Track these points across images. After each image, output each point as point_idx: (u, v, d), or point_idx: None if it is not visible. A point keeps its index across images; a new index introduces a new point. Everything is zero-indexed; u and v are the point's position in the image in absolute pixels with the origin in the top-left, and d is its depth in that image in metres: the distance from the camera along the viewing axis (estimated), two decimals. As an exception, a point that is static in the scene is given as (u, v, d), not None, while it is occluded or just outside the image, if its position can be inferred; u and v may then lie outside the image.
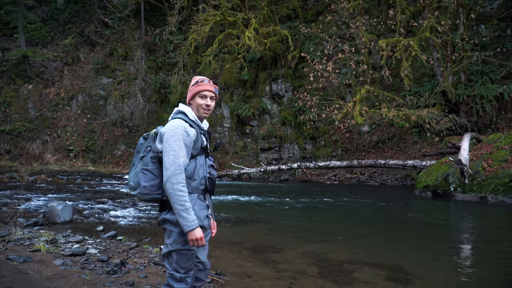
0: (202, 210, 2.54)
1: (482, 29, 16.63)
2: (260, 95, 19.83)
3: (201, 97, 2.62)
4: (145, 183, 2.48)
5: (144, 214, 8.80)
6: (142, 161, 2.56)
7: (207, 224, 2.58)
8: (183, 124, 2.49)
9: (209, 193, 2.63)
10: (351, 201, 10.90)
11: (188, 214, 2.37)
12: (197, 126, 2.59)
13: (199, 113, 2.62)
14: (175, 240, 2.47)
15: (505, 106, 15.11)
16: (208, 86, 2.63)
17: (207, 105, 2.61)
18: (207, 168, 2.59)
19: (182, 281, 2.52)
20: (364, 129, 17.43)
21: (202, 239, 2.41)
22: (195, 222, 2.39)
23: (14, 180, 13.99)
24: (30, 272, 4.18)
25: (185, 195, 2.38)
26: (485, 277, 4.72)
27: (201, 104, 2.60)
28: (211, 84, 2.67)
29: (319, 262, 5.13)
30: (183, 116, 2.57)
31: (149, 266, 4.82)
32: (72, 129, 21.67)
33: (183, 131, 2.46)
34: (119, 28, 23.48)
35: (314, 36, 19.34)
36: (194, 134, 2.51)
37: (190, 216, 2.38)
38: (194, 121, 2.59)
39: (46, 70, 23.15)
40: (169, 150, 2.41)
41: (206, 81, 2.66)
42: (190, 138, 2.49)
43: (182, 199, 2.37)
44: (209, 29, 17.94)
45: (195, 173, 2.53)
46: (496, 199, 10.18)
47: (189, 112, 2.60)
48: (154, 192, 2.49)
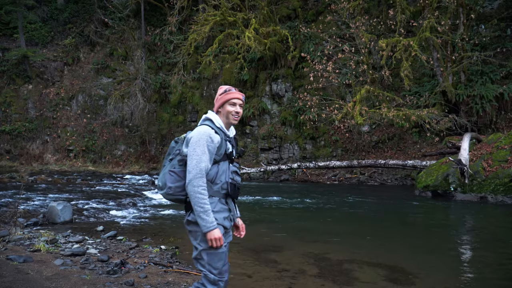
0: (222, 212, 2.67)
1: (482, 29, 16.63)
2: (260, 95, 19.83)
3: (231, 105, 2.73)
4: (171, 184, 2.63)
5: (144, 214, 8.80)
6: (170, 163, 2.72)
7: (228, 225, 2.71)
8: (208, 130, 2.61)
9: (231, 197, 2.73)
10: (351, 201, 10.90)
11: (207, 215, 2.51)
12: (222, 133, 2.69)
13: (228, 120, 2.74)
14: (202, 239, 2.59)
15: (505, 106, 15.11)
16: (237, 94, 2.75)
17: (237, 112, 2.73)
18: (230, 174, 2.70)
19: (215, 284, 2.59)
20: (364, 129, 17.43)
21: (220, 239, 2.53)
22: (213, 223, 2.52)
23: (14, 180, 13.99)
24: (30, 272, 4.18)
25: (204, 197, 2.52)
26: (485, 277, 4.72)
27: (231, 111, 2.72)
28: (238, 92, 2.80)
29: (319, 262, 5.13)
30: (210, 123, 2.69)
31: (149, 266, 4.82)
32: (72, 129, 21.67)
33: (208, 137, 2.58)
34: (119, 28, 23.48)
35: (314, 36, 19.34)
36: (218, 141, 2.63)
37: (209, 217, 2.51)
38: (220, 128, 2.70)
39: (46, 70, 23.15)
40: (192, 154, 2.56)
41: (234, 89, 2.77)
42: (214, 145, 2.60)
43: (201, 201, 2.50)
44: (209, 29, 17.94)
45: (217, 177, 2.65)
46: (496, 199, 10.18)
47: (216, 120, 2.71)
48: (179, 193, 2.64)
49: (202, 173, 2.53)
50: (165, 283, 4.19)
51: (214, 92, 21.17)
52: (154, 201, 10.73)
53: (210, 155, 2.59)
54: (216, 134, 2.63)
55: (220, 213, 2.65)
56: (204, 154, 2.55)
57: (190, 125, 21.28)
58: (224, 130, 2.72)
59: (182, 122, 21.49)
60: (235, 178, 2.73)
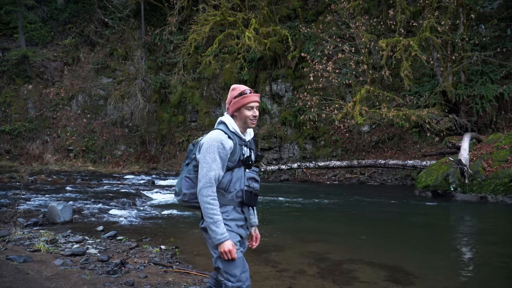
0: (237, 221, 2.57)
1: (482, 29, 16.62)
2: (260, 95, 19.84)
3: (248, 109, 2.61)
4: (186, 190, 2.58)
5: (144, 214, 8.80)
6: (187, 168, 2.66)
7: (243, 233, 2.62)
8: (220, 136, 2.50)
9: (247, 206, 2.61)
10: (351, 201, 10.90)
11: (216, 227, 2.42)
12: (237, 137, 2.58)
13: (246, 124, 2.63)
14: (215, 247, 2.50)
15: (505, 106, 15.11)
16: (253, 97, 2.62)
17: (254, 115, 2.62)
18: (246, 181, 2.58)
19: None
20: (364, 129, 17.43)
21: (231, 252, 2.43)
22: (224, 235, 2.42)
23: (14, 180, 13.98)
24: (30, 272, 4.18)
25: (213, 208, 2.42)
26: (485, 277, 4.72)
27: (248, 115, 2.60)
28: (255, 93, 2.66)
29: (319, 262, 5.13)
30: (223, 127, 2.58)
31: (149, 266, 4.82)
32: (72, 129, 21.66)
33: (219, 143, 2.48)
34: (119, 28, 23.48)
35: (314, 36, 19.34)
36: (230, 147, 2.51)
37: (219, 229, 2.42)
38: (235, 132, 2.59)
39: (46, 70, 23.15)
40: (203, 162, 2.47)
41: (249, 91, 2.64)
42: (226, 151, 2.49)
43: (211, 212, 2.42)
44: (209, 29, 17.94)
45: (231, 185, 2.54)
46: (496, 199, 10.18)
47: (230, 124, 2.60)
48: (193, 200, 2.57)
49: (211, 182, 2.43)
50: (165, 283, 4.19)
51: (214, 92, 21.17)
52: (154, 201, 10.73)
53: (222, 162, 2.48)
54: (229, 139, 2.52)
55: (234, 221, 2.56)
56: (215, 162, 2.45)
57: (190, 125, 21.28)
58: (239, 134, 2.60)
59: (182, 122, 21.49)
60: (252, 184, 2.59)
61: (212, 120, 20.78)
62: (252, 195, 2.58)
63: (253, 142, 2.75)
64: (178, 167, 19.77)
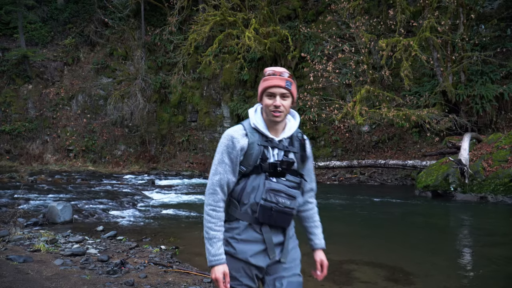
0: (252, 244, 2.03)
1: (482, 29, 16.62)
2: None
3: (269, 96, 2.04)
4: None
5: (144, 214, 8.80)
6: None
7: (261, 263, 2.04)
8: (233, 132, 2.06)
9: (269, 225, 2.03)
10: (351, 201, 10.90)
11: (210, 245, 2.00)
12: (259, 135, 2.06)
13: (268, 117, 2.06)
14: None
15: (505, 106, 15.11)
16: (275, 81, 2.02)
17: (276, 106, 2.01)
18: (265, 193, 1.99)
19: None
20: (364, 129, 17.43)
21: (218, 283, 1.96)
22: (217, 257, 1.98)
23: (14, 180, 13.98)
24: (30, 272, 4.18)
25: (211, 220, 2.00)
26: (485, 277, 4.72)
27: (268, 105, 2.03)
28: (281, 76, 2.04)
29: (319, 262, 5.12)
30: (246, 121, 2.12)
31: (149, 266, 4.82)
32: (72, 129, 21.66)
33: (229, 141, 2.03)
34: (119, 28, 23.48)
35: (314, 36, 19.34)
36: (243, 146, 2.02)
37: (212, 248, 1.99)
38: (256, 128, 2.07)
39: (46, 70, 23.15)
40: (213, 163, 2.08)
41: (277, 71, 2.06)
42: (236, 151, 2.02)
43: (207, 225, 2.01)
44: (209, 29, 17.93)
45: (244, 196, 2.05)
46: (496, 199, 10.18)
47: (252, 117, 2.11)
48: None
49: (213, 188, 2.02)
50: (165, 283, 4.19)
51: (214, 92, 21.18)
52: (154, 201, 10.73)
53: (232, 165, 2.02)
54: (245, 137, 2.04)
55: (247, 244, 2.02)
56: (221, 164, 2.03)
57: (190, 125, 21.28)
58: (263, 131, 2.05)
59: (182, 122, 21.49)
60: (273, 198, 1.99)
61: (212, 120, 20.76)
62: (272, 212, 1.98)
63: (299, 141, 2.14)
64: (178, 167, 19.78)
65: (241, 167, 2.04)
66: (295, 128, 2.14)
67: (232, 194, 2.08)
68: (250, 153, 2.02)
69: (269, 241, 2.04)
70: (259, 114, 2.11)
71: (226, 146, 2.04)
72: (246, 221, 2.03)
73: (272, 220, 2.01)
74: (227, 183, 2.03)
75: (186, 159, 20.32)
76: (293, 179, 2.07)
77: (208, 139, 20.53)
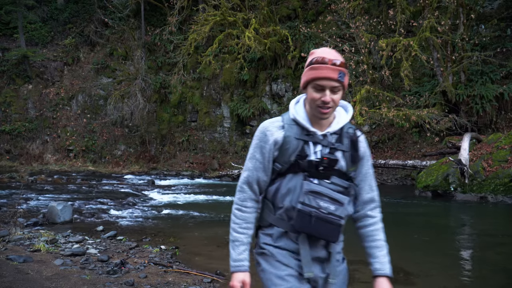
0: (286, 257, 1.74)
1: (482, 29, 16.62)
2: (260, 95, 19.84)
3: (316, 89, 1.68)
4: None
5: (144, 214, 8.80)
6: None
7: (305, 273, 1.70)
8: (267, 124, 1.80)
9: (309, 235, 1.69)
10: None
11: (232, 248, 1.79)
12: (298, 127, 1.75)
13: (312, 112, 1.73)
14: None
15: (505, 106, 15.11)
16: (326, 71, 1.64)
17: (325, 101, 1.67)
18: (302, 196, 1.66)
19: None
20: (364, 129, 17.43)
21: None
22: (237, 264, 1.78)
23: (14, 180, 13.99)
24: (30, 272, 4.18)
25: (236, 221, 1.78)
26: (485, 277, 4.72)
27: (315, 99, 1.69)
28: (333, 66, 1.65)
29: (319, 262, 5.13)
30: (286, 114, 1.83)
31: (149, 266, 4.82)
32: (72, 129, 21.67)
33: (262, 134, 1.78)
34: (119, 28, 23.48)
35: (314, 36, 19.34)
36: (276, 140, 1.74)
37: (234, 252, 1.79)
38: (295, 120, 1.77)
39: (46, 70, 23.15)
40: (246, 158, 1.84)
41: (327, 58, 1.66)
42: (269, 146, 1.75)
43: (232, 225, 1.80)
44: (209, 29, 17.94)
45: (278, 198, 1.75)
46: (496, 199, 10.18)
47: (292, 107, 1.81)
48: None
49: (241, 186, 1.79)
50: (165, 283, 4.19)
51: (214, 92, 21.14)
52: (154, 201, 10.73)
53: (264, 161, 1.75)
54: (281, 129, 1.75)
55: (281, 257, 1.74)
56: (252, 160, 1.78)
57: (190, 125, 21.26)
58: (303, 123, 1.74)
59: (182, 122, 21.49)
60: (314, 202, 1.64)
61: (212, 120, 20.74)
62: (312, 219, 1.63)
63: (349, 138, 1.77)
64: (178, 167, 19.78)
65: (276, 164, 1.75)
66: (345, 122, 1.79)
67: (266, 195, 1.80)
68: (285, 148, 1.72)
69: (305, 254, 1.70)
70: (301, 105, 1.80)
71: (259, 139, 1.78)
72: (282, 228, 1.73)
73: (312, 229, 1.65)
74: (256, 181, 1.77)
75: (186, 159, 20.32)
76: (340, 182, 1.71)
77: (208, 139, 20.53)
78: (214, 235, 6.79)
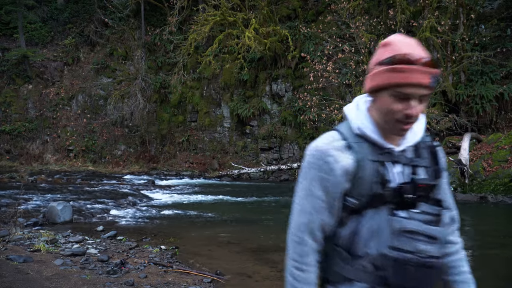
0: None
1: (482, 29, 16.62)
2: (260, 95, 19.84)
3: (397, 98, 1.22)
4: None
5: (144, 214, 8.80)
6: None
7: None
8: (324, 146, 1.31)
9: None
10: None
11: None
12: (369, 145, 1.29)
13: (386, 125, 1.29)
14: None
15: (505, 106, 15.11)
16: (416, 76, 1.19)
17: (409, 115, 1.23)
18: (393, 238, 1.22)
19: None
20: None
21: None
22: None
23: (14, 180, 13.99)
24: (30, 272, 4.18)
25: (296, 285, 1.27)
26: (485, 277, 4.72)
27: (394, 110, 1.24)
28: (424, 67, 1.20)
29: (319, 262, 5.12)
30: (342, 126, 1.36)
31: (149, 266, 4.82)
32: (72, 129, 21.67)
33: (321, 161, 1.29)
34: (119, 28, 23.48)
35: (314, 36, 19.34)
36: (345, 169, 1.26)
37: None
38: (363, 135, 1.30)
39: (46, 70, 23.16)
40: (295, 194, 1.35)
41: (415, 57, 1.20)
42: (335, 177, 1.26)
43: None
44: (209, 29, 17.94)
45: (358, 244, 1.27)
46: (496, 199, 10.18)
47: (354, 117, 1.34)
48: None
49: (299, 236, 1.29)
50: (165, 283, 4.19)
51: (214, 92, 21.13)
52: (154, 201, 10.73)
53: (328, 199, 1.28)
54: (347, 150, 1.28)
55: None
56: (310, 198, 1.29)
57: (190, 125, 21.26)
58: (374, 137, 1.30)
59: (182, 122, 21.50)
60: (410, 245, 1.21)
61: (212, 120, 20.74)
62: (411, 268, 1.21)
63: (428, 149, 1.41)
64: (178, 167, 19.79)
65: (349, 199, 1.27)
66: (421, 131, 1.41)
67: (336, 240, 1.31)
68: (360, 177, 1.26)
69: None
70: (365, 113, 1.33)
71: (317, 168, 1.29)
72: (365, 283, 1.26)
73: (412, 281, 1.22)
74: (320, 226, 1.29)
75: (186, 159, 20.32)
76: (431, 209, 1.28)
77: (208, 139, 20.54)
78: (214, 235, 6.79)
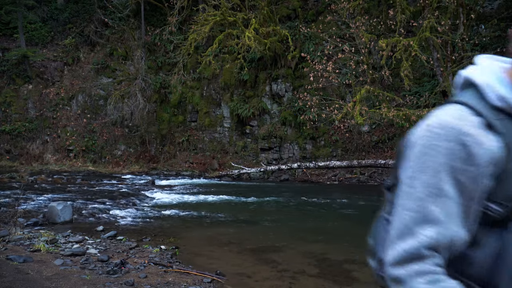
0: None
1: (482, 29, 16.63)
2: (260, 95, 19.84)
3: None
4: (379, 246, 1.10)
5: (144, 214, 8.80)
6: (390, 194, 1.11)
7: None
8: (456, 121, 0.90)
9: None
10: (351, 201, 10.89)
11: None
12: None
13: None
14: None
15: (505, 106, 15.11)
16: None
17: None
18: None
19: None
20: (364, 129, 17.43)
21: None
22: None
23: (14, 180, 13.98)
24: (30, 272, 4.18)
25: None
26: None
27: None
28: None
29: (319, 262, 5.13)
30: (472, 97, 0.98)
31: (149, 266, 4.82)
32: (72, 129, 21.67)
33: (455, 142, 0.88)
34: (119, 28, 23.48)
35: (314, 36, 19.34)
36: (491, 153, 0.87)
37: None
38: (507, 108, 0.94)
39: (46, 70, 23.15)
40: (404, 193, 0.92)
41: None
42: (475, 167, 0.87)
43: None
44: (209, 29, 17.94)
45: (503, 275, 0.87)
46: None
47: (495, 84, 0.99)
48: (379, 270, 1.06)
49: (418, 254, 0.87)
50: (165, 283, 4.19)
51: (214, 92, 21.14)
52: (154, 201, 10.73)
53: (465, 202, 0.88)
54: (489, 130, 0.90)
55: None
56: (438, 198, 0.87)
57: (190, 125, 21.26)
58: None
59: (182, 122, 21.50)
60: None
61: (212, 120, 20.74)
62: None
63: None
64: (178, 167, 19.79)
65: (490, 205, 0.89)
66: None
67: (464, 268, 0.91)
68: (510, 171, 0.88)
69: None
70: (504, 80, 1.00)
71: (446, 154, 0.88)
72: None
73: None
74: (451, 242, 0.87)
75: (186, 159, 20.32)
76: None
77: (208, 139, 20.54)
78: (214, 235, 6.79)
